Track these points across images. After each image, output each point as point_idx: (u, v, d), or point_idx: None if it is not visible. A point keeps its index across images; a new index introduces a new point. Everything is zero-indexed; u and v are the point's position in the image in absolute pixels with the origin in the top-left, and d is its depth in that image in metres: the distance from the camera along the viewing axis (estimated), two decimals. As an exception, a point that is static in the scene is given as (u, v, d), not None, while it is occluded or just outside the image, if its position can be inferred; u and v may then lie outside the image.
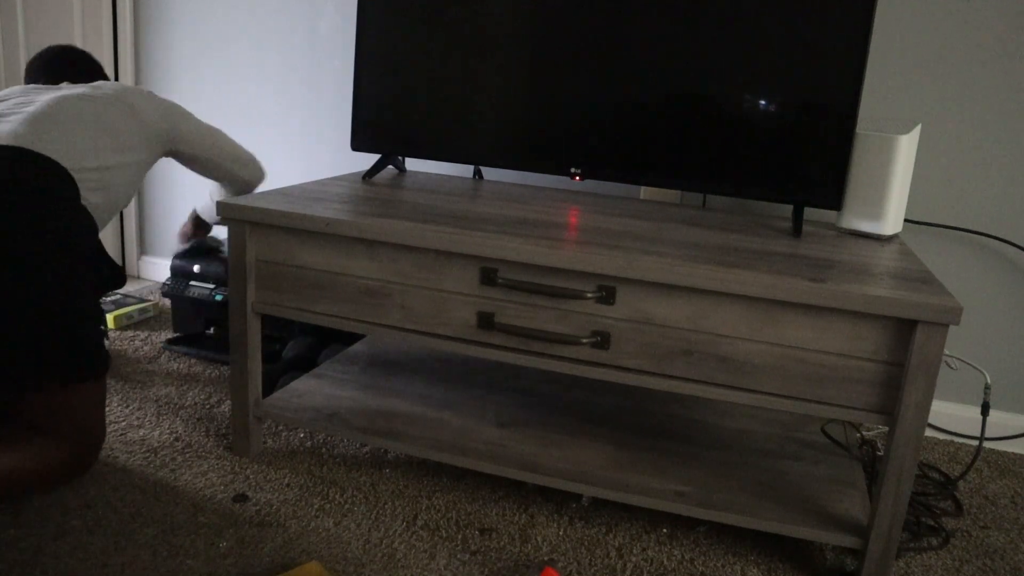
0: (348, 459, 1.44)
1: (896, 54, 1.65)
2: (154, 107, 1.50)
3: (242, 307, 1.34)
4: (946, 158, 1.66)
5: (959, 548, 1.31)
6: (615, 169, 1.53)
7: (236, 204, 1.28)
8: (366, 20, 1.61)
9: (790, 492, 1.27)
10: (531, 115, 1.55)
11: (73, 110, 1.36)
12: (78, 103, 1.38)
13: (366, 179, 1.66)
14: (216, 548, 1.15)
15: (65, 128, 1.32)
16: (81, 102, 1.38)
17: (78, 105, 1.37)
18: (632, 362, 1.18)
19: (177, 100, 2.28)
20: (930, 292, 1.07)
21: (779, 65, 1.40)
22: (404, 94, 1.62)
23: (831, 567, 1.23)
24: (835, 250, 1.33)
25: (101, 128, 1.37)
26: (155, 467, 1.36)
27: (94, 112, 1.38)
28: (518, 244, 1.16)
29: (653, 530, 1.29)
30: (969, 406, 1.74)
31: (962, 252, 1.69)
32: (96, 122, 1.37)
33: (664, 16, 1.45)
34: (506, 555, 1.19)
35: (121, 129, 1.41)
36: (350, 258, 1.27)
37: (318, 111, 2.14)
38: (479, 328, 1.23)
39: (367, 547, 1.18)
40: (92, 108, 1.39)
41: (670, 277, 1.11)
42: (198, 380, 1.73)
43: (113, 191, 1.39)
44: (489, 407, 1.50)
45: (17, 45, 2.41)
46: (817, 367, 1.11)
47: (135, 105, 1.46)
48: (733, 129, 1.45)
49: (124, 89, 1.48)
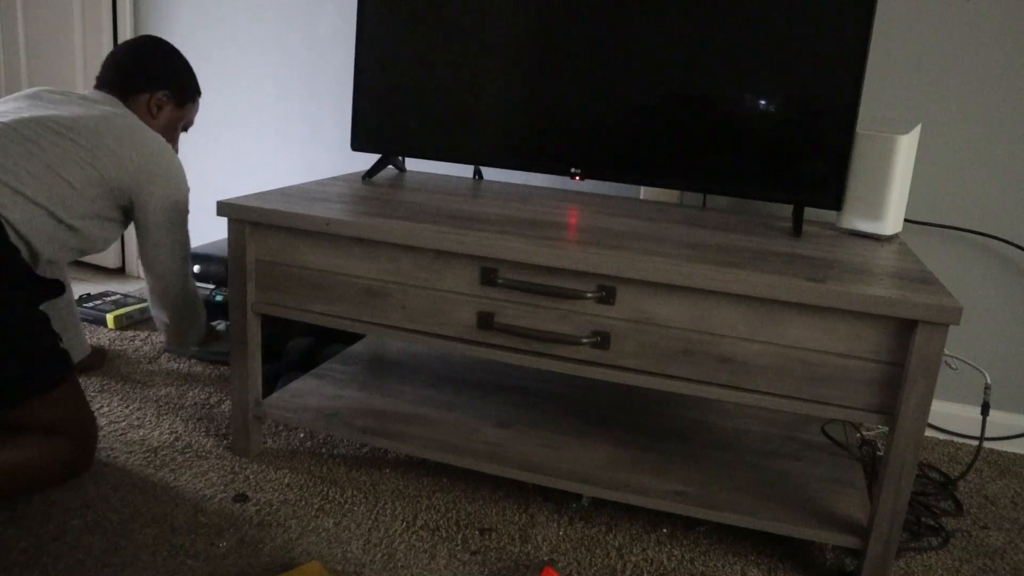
0: (348, 459, 1.44)
1: (896, 54, 1.65)
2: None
3: (242, 307, 1.34)
4: (946, 158, 1.66)
5: (959, 548, 1.31)
6: (615, 169, 1.53)
7: (236, 204, 1.28)
8: (366, 20, 1.61)
9: (790, 492, 1.27)
10: (531, 115, 1.55)
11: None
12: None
13: (366, 179, 1.66)
14: (216, 548, 1.15)
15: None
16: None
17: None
18: (632, 362, 1.18)
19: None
20: (930, 292, 1.07)
21: (779, 65, 1.40)
22: (404, 94, 1.62)
23: (831, 567, 1.23)
24: (835, 250, 1.33)
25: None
26: (155, 467, 1.36)
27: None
28: (518, 244, 1.16)
29: (653, 530, 1.29)
30: (969, 406, 1.74)
31: (962, 252, 1.69)
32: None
33: (664, 16, 1.45)
34: (506, 555, 1.19)
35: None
36: (350, 258, 1.27)
37: (318, 111, 2.14)
38: (479, 328, 1.23)
39: (367, 547, 1.18)
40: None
41: (670, 277, 1.11)
42: (198, 380, 1.73)
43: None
44: (489, 407, 1.50)
45: (17, 45, 2.41)
46: (817, 367, 1.11)
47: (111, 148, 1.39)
48: (733, 129, 1.45)
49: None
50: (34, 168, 1.28)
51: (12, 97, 1.43)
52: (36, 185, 1.28)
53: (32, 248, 1.30)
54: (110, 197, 1.39)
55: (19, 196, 1.26)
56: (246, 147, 2.25)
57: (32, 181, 1.27)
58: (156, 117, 1.56)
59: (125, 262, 2.50)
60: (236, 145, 2.26)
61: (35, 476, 1.21)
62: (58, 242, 1.34)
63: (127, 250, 2.48)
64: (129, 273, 2.49)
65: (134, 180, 1.40)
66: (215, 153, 2.29)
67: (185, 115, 1.62)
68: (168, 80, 1.56)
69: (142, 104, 1.53)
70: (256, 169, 2.26)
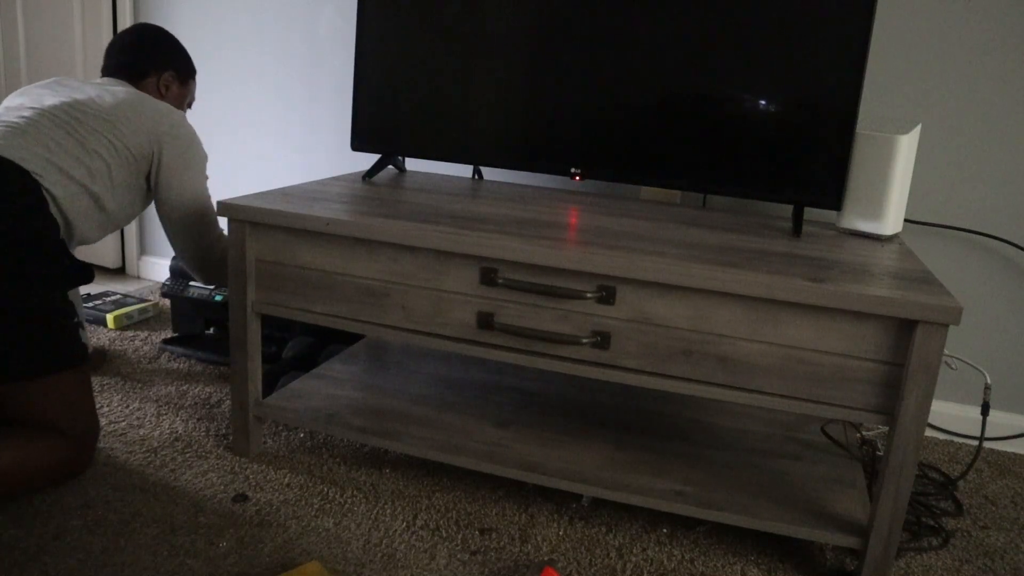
0: (348, 459, 1.44)
1: (896, 54, 1.65)
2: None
3: (242, 307, 1.34)
4: (946, 158, 1.66)
5: (959, 548, 1.31)
6: (615, 169, 1.53)
7: (236, 204, 1.28)
8: (366, 20, 1.61)
9: (790, 492, 1.27)
10: (531, 115, 1.55)
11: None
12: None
13: (366, 179, 1.66)
14: (216, 548, 1.15)
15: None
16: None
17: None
18: (632, 362, 1.18)
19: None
20: (930, 292, 1.07)
21: (779, 65, 1.40)
22: (404, 94, 1.62)
23: (831, 567, 1.23)
24: (835, 250, 1.33)
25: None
26: (155, 467, 1.36)
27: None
28: (518, 244, 1.16)
29: (653, 530, 1.29)
30: (969, 406, 1.74)
31: (962, 252, 1.69)
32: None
33: (664, 16, 1.45)
34: (506, 555, 1.19)
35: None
36: (350, 258, 1.27)
37: (318, 111, 2.14)
38: (479, 328, 1.23)
39: (367, 547, 1.18)
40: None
41: (670, 277, 1.11)
42: (198, 380, 1.73)
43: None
44: (489, 407, 1.50)
45: (17, 45, 2.41)
46: (817, 367, 1.11)
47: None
48: (733, 129, 1.45)
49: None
50: (71, 147, 1.36)
51: (31, 87, 1.48)
52: (74, 163, 1.35)
53: (69, 225, 1.36)
54: (134, 165, 1.46)
55: (63, 175, 1.33)
56: (246, 147, 2.25)
57: (71, 160, 1.35)
58: (166, 96, 1.65)
59: (125, 262, 2.50)
60: (236, 145, 2.26)
61: (35, 475, 1.21)
62: (92, 220, 1.41)
63: (127, 250, 2.48)
64: (129, 273, 2.49)
65: (151, 140, 1.47)
66: (215, 153, 2.29)
67: (188, 92, 1.71)
68: (172, 60, 1.65)
69: (151, 86, 1.62)
70: (256, 169, 2.26)
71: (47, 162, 1.31)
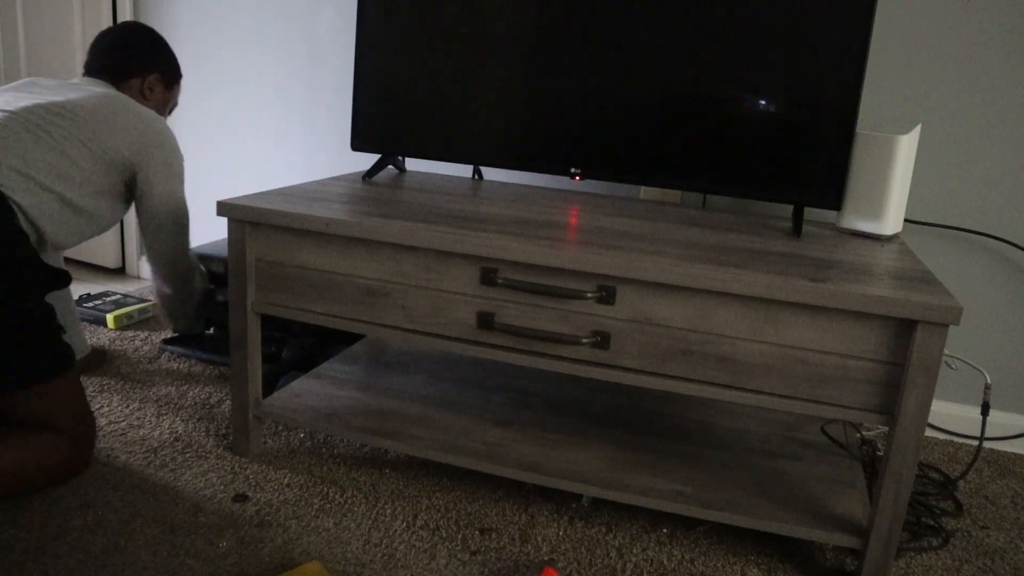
0: (348, 459, 1.44)
1: (896, 54, 1.65)
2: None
3: (242, 307, 1.34)
4: (946, 158, 1.66)
5: (959, 548, 1.31)
6: (615, 169, 1.53)
7: (236, 204, 1.28)
8: (366, 20, 1.61)
9: (790, 492, 1.27)
10: (531, 115, 1.55)
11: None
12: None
13: (366, 179, 1.66)
14: (216, 548, 1.15)
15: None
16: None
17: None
18: (632, 362, 1.18)
19: (177, 100, 2.28)
20: (930, 292, 1.07)
21: (779, 65, 1.40)
22: (404, 94, 1.62)
23: (831, 567, 1.23)
24: (835, 250, 1.33)
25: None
26: (155, 467, 1.36)
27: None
28: (518, 244, 1.16)
29: (653, 530, 1.29)
30: (969, 406, 1.74)
31: (962, 252, 1.69)
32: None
33: (664, 16, 1.45)
34: (506, 555, 1.19)
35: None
36: (350, 258, 1.27)
37: (318, 112, 2.14)
38: (479, 328, 1.23)
39: (367, 547, 1.18)
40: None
41: (670, 277, 1.11)
42: (198, 380, 1.73)
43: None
44: (489, 407, 1.50)
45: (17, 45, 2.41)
46: (817, 367, 1.11)
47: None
48: (733, 129, 1.45)
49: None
50: (42, 153, 1.31)
51: (4, 88, 1.45)
52: (46, 169, 1.31)
53: (40, 233, 1.33)
54: (114, 171, 1.43)
55: (30, 181, 1.29)
56: (246, 147, 2.25)
57: (42, 166, 1.31)
58: (149, 99, 1.62)
59: (125, 262, 2.50)
60: (236, 145, 2.26)
61: (33, 475, 1.21)
62: (66, 226, 1.37)
63: (127, 250, 2.48)
64: (129, 273, 2.49)
65: (134, 149, 1.44)
66: (215, 153, 2.29)
67: (172, 96, 1.69)
68: (157, 63, 1.62)
69: (135, 88, 1.59)
70: (256, 169, 2.26)
71: (11, 170, 1.26)
